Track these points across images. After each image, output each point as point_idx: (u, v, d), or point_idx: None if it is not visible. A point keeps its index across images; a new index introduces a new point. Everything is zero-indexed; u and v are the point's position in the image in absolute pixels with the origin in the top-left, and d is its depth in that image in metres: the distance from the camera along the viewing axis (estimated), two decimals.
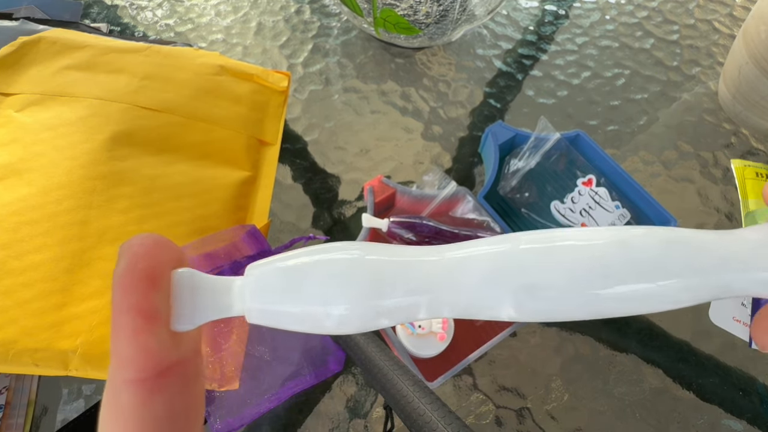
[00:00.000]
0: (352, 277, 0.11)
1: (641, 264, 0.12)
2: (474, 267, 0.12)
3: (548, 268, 0.12)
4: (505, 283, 0.12)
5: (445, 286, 0.12)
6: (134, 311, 0.10)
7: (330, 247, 0.12)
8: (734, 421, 0.38)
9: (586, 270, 0.12)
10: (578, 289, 0.12)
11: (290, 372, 0.35)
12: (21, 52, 0.40)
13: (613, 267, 0.12)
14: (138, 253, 0.10)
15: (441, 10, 0.45)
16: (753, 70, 0.45)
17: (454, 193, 0.40)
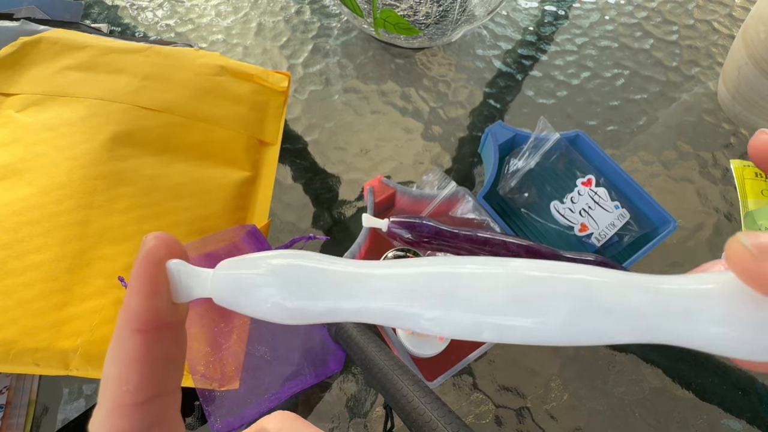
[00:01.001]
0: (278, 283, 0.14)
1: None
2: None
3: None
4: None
5: (348, 296, 0.14)
6: (149, 280, 0.13)
7: (272, 254, 0.14)
8: (733, 420, 0.38)
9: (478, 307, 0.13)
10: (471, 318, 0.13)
11: (290, 372, 0.35)
12: (22, 53, 0.40)
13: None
14: (158, 241, 0.14)
15: (441, 11, 0.45)
16: (752, 71, 0.45)
17: (454, 193, 0.40)
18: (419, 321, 0.13)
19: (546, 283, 0.13)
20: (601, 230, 0.39)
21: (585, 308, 0.13)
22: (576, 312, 0.13)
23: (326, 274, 0.14)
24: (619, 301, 0.12)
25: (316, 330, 0.36)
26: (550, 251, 0.35)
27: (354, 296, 0.14)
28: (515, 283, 0.13)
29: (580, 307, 0.13)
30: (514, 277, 0.13)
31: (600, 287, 0.13)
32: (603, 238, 0.39)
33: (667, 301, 0.12)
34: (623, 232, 0.39)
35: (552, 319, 0.13)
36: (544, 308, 0.13)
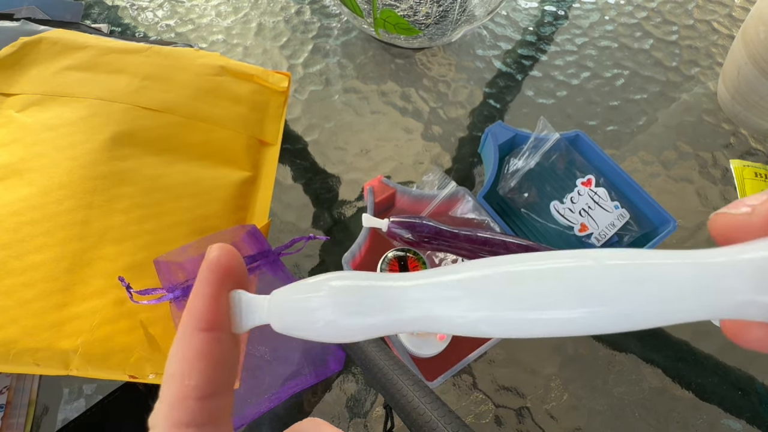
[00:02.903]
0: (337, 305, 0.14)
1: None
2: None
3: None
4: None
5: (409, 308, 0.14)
6: (213, 284, 0.14)
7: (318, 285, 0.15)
8: (733, 420, 0.38)
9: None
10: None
11: (290, 372, 0.35)
12: (22, 53, 0.40)
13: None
14: (222, 251, 0.15)
15: (441, 11, 0.45)
16: (752, 71, 0.45)
17: (454, 193, 0.40)
18: (478, 325, 0.14)
19: (614, 272, 0.13)
20: (601, 230, 0.39)
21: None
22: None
23: (382, 290, 0.14)
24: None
25: None
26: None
27: (409, 307, 0.14)
28: (581, 277, 0.13)
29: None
30: (579, 271, 0.13)
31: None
32: (603, 238, 0.39)
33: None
34: (623, 232, 0.40)
35: (616, 306, 0.13)
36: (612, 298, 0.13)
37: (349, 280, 0.15)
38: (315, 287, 0.15)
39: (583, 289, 0.13)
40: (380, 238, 0.39)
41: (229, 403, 0.15)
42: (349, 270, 0.37)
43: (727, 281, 0.12)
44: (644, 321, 0.13)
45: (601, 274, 0.13)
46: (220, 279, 0.15)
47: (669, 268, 0.13)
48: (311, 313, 0.14)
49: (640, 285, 0.13)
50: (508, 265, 0.14)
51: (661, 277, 0.13)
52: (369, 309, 0.14)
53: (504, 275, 0.14)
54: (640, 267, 0.13)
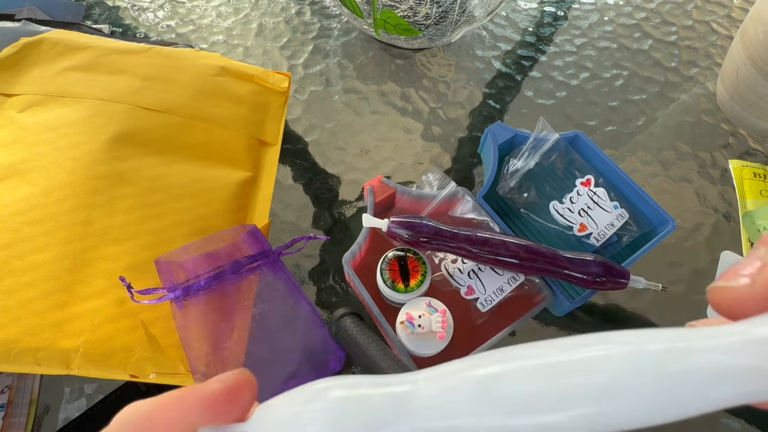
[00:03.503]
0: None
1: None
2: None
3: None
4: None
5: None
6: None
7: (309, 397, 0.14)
8: (732, 420, 0.38)
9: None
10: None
11: (290, 371, 0.35)
12: (23, 53, 0.41)
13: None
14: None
15: (440, 12, 0.45)
16: (751, 71, 0.45)
17: (454, 193, 0.40)
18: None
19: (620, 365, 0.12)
20: (600, 230, 0.39)
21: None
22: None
23: (371, 400, 0.13)
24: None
25: (316, 330, 0.36)
26: (549, 251, 0.35)
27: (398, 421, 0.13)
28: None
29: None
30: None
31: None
32: (602, 238, 0.39)
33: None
34: (622, 232, 0.40)
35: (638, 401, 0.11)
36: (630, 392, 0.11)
37: (344, 390, 0.13)
38: (302, 398, 0.13)
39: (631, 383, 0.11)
40: (380, 238, 0.39)
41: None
42: (349, 268, 0.37)
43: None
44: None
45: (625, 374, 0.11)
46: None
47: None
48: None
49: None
50: (481, 367, 0.13)
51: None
52: (368, 425, 0.13)
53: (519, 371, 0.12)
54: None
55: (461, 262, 0.38)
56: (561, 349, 0.13)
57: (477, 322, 0.38)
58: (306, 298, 0.37)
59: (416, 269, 0.37)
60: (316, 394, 0.14)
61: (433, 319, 0.35)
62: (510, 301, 0.37)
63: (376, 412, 0.13)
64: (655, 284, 0.36)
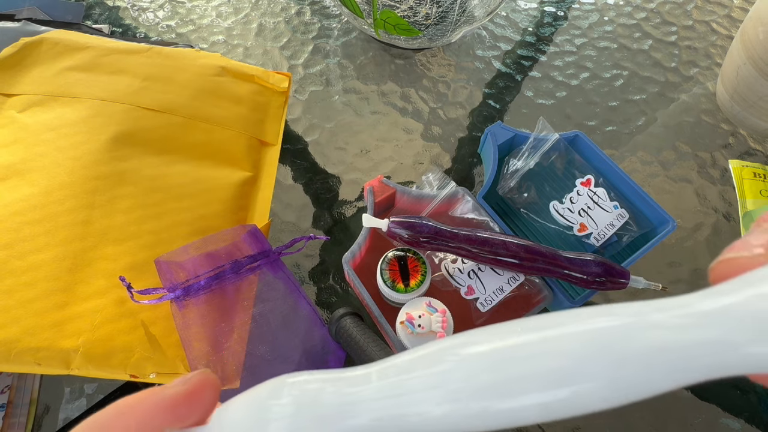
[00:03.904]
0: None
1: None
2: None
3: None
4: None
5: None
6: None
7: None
8: (732, 419, 0.38)
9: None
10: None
11: (290, 371, 0.35)
12: (23, 53, 0.41)
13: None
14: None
15: (440, 12, 0.45)
16: (751, 71, 0.45)
17: (454, 194, 0.40)
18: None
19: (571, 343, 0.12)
20: (600, 230, 0.39)
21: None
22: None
23: (320, 400, 0.13)
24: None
25: (316, 330, 0.36)
26: (549, 251, 0.35)
27: (347, 414, 0.13)
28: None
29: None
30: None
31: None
32: (602, 238, 0.39)
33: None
34: (622, 232, 0.40)
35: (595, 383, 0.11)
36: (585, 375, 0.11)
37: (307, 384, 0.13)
38: (268, 392, 0.13)
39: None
40: (380, 238, 0.39)
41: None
42: (349, 268, 0.37)
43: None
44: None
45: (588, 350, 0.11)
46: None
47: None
48: (264, 426, 0.13)
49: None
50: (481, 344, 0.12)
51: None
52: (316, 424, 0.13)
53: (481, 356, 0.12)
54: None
55: (461, 262, 0.38)
56: (516, 333, 0.12)
57: (477, 322, 0.38)
58: (306, 298, 0.37)
59: (416, 269, 0.37)
60: (276, 390, 0.13)
61: (433, 319, 0.35)
62: (510, 301, 0.37)
63: (332, 405, 0.13)
64: (655, 284, 0.36)
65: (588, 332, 0.12)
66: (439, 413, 0.12)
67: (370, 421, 0.12)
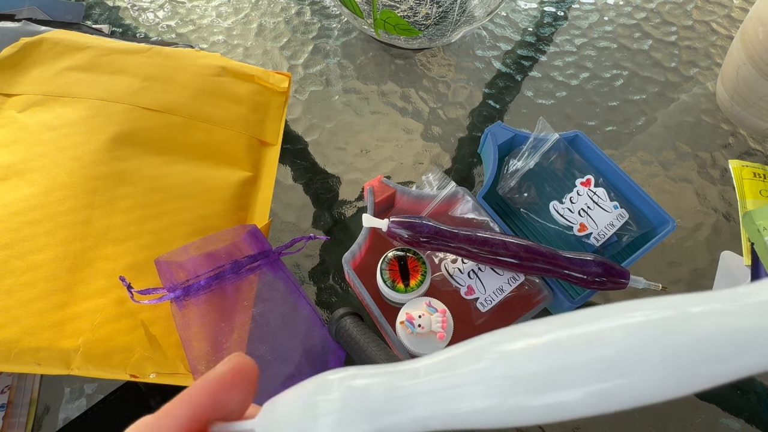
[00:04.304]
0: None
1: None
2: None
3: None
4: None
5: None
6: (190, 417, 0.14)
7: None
8: (732, 420, 0.38)
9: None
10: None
11: (290, 371, 0.35)
12: (23, 53, 0.41)
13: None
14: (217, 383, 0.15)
15: (440, 12, 0.45)
16: (751, 71, 0.45)
17: (454, 194, 0.40)
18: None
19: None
20: (600, 230, 0.39)
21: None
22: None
23: (369, 395, 0.13)
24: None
25: (316, 330, 0.36)
26: (549, 251, 0.35)
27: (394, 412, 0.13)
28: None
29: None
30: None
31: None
32: (602, 238, 0.39)
33: None
34: (622, 232, 0.40)
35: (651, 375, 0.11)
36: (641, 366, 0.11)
37: (363, 379, 0.13)
38: (317, 389, 0.14)
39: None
40: (380, 238, 0.39)
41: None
42: (349, 268, 0.37)
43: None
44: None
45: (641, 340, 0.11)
46: (197, 415, 0.14)
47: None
48: (314, 423, 0.13)
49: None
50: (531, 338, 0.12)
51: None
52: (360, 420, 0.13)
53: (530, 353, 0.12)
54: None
55: (461, 262, 0.38)
56: (567, 326, 0.12)
57: (477, 322, 0.38)
58: (306, 298, 0.37)
59: (416, 269, 0.37)
60: (324, 386, 0.14)
61: (433, 319, 0.35)
62: (510, 301, 0.37)
63: (381, 400, 0.13)
64: (655, 284, 0.36)
65: (635, 324, 0.11)
66: (484, 406, 0.12)
67: (419, 414, 0.13)
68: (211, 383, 0.14)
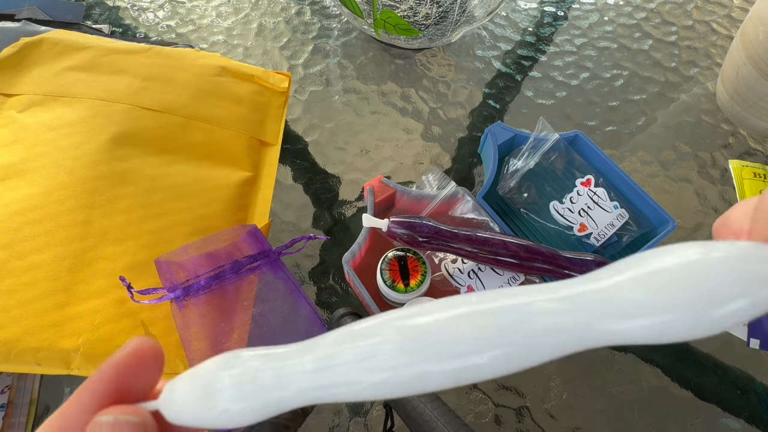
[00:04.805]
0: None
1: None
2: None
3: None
4: None
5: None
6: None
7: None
8: (732, 420, 0.38)
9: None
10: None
11: None
12: (23, 53, 0.41)
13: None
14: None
15: (440, 12, 0.45)
16: (751, 71, 0.45)
17: (454, 194, 0.40)
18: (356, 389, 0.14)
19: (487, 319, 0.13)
20: (600, 230, 0.39)
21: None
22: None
23: (259, 373, 0.14)
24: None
25: (316, 330, 0.36)
26: (549, 251, 0.35)
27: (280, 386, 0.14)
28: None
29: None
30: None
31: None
32: (602, 238, 0.39)
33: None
34: (622, 232, 0.40)
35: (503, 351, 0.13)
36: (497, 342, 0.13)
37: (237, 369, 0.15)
38: (218, 365, 0.15)
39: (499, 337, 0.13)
40: (380, 238, 0.39)
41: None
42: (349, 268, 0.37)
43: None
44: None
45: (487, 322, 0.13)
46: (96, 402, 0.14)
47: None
48: (212, 398, 0.14)
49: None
50: (403, 320, 0.14)
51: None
52: (249, 394, 0.14)
53: (400, 331, 0.14)
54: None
55: (461, 262, 0.38)
56: (428, 311, 0.14)
57: None
58: (306, 298, 0.37)
59: (416, 269, 0.37)
60: (223, 363, 0.15)
61: None
62: None
63: (272, 377, 0.14)
64: None
65: (488, 312, 0.14)
66: (370, 381, 0.14)
67: (302, 391, 0.14)
68: (109, 371, 0.15)
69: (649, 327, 0.12)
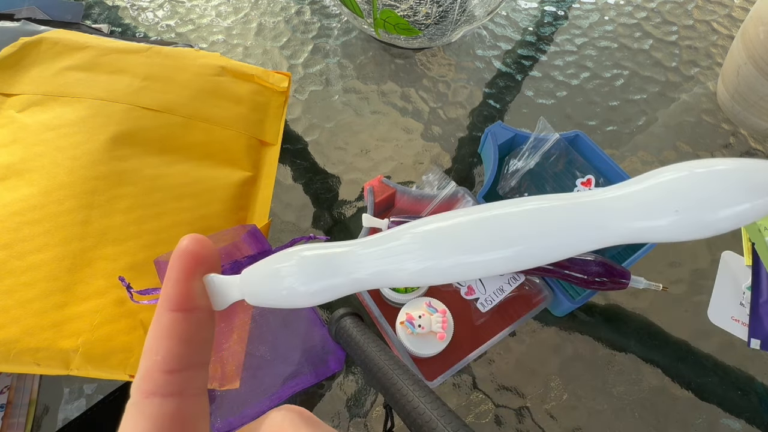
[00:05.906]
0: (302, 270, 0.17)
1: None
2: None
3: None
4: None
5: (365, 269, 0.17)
6: (181, 271, 0.16)
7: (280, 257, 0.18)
8: (733, 420, 0.38)
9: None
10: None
11: (290, 371, 0.35)
12: (22, 53, 0.40)
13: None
14: (191, 240, 0.17)
15: (441, 11, 0.45)
16: (751, 71, 0.45)
17: (454, 193, 0.40)
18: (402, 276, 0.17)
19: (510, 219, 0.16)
20: None
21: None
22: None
23: (333, 256, 0.17)
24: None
25: (316, 330, 0.36)
26: None
27: (353, 270, 0.17)
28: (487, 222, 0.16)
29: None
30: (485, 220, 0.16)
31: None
32: None
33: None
34: None
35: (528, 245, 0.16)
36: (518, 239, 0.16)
37: (312, 251, 0.17)
38: (281, 259, 0.17)
39: (506, 234, 0.16)
40: None
41: (201, 378, 0.16)
42: None
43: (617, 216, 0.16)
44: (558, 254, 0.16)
45: (519, 220, 0.16)
46: (187, 265, 0.16)
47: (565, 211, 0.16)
48: (279, 281, 0.16)
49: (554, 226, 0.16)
50: (440, 222, 0.17)
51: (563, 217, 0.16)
52: (331, 273, 0.17)
53: (438, 231, 0.16)
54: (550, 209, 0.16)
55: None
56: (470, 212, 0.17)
57: (477, 322, 0.37)
58: None
59: None
60: (288, 256, 0.17)
61: (433, 319, 0.35)
62: (510, 301, 0.37)
63: (334, 263, 0.17)
64: (655, 284, 0.36)
65: (526, 211, 0.16)
66: (417, 268, 0.16)
67: (368, 274, 0.17)
68: (186, 254, 0.17)
69: (666, 227, 0.15)
